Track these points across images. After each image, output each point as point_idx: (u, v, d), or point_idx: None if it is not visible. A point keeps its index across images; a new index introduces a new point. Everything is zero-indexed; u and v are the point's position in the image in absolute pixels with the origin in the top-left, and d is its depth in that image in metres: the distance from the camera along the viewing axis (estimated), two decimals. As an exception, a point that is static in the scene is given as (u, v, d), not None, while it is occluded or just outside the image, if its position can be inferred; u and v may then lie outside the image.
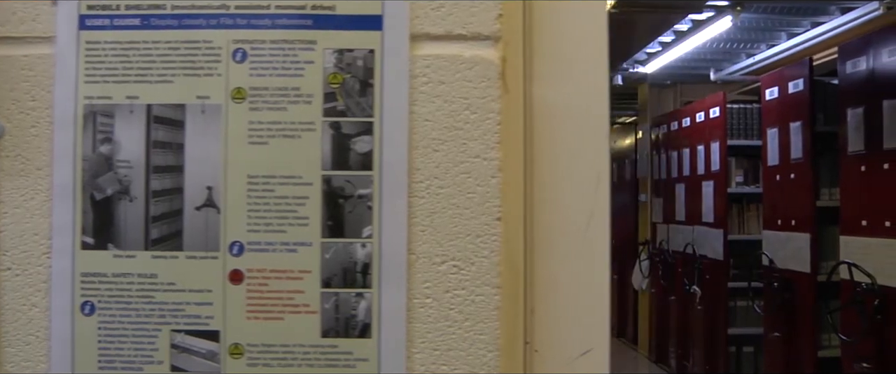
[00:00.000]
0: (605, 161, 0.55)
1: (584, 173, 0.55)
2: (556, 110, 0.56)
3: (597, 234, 0.55)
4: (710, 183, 5.30)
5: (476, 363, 0.53)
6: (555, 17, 0.56)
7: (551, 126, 0.56)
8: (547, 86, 0.56)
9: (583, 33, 0.56)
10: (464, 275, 0.54)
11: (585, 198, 0.55)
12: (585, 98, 0.56)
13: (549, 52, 0.56)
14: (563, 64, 0.56)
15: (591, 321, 0.55)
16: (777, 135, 4.43)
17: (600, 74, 0.55)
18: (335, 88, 0.55)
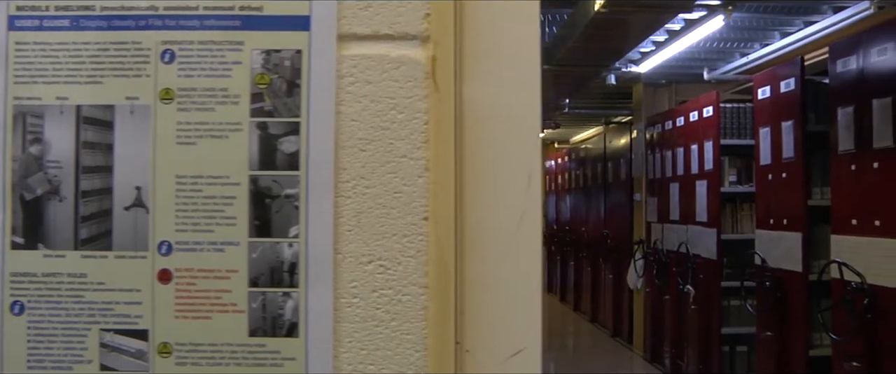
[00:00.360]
0: (536, 160, 0.55)
1: (515, 173, 0.55)
2: (487, 110, 0.56)
3: (528, 233, 0.55)
4: (703, 182, 5.31)
5: (403, 363, 0.53)
6: (486, 16, 0.56)
7: (482, 126, 0.56)
8: (478, 85, 0.56)
9: (515, 33, 0.56)
10: (390, 275, 0.54)
11: (516, 197, 0.55)
12: (517, 97, 0.56)
13: (481, 51, 0.56)
14: (495, 63, 0.56)
15: (523, 321, 0.55)
16: (769, 134, 4.43)
17: (532, 73, 0.55)
18: (262, 89, 0.56)
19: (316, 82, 0.55)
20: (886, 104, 3.32)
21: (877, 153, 3.36)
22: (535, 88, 0.55)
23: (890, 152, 3.28)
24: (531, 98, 0.55)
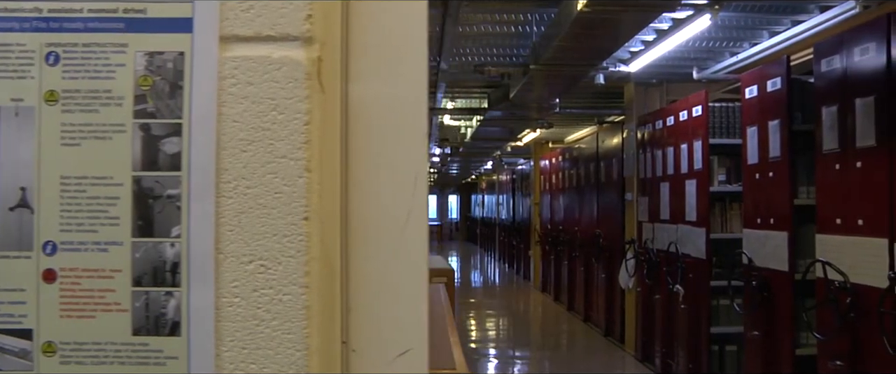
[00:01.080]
0: (422, 160, 0.55)
1: (401, 173, 0.56)
2: (373, 110, 0.56)
3: (415, 233, 0.55)
4: (692, 182, 5.31)
5: (284, 362, 0.53)
6: (373, 17, 0.57)
7: (368, 126, 0.56)
8: (364, 86, 0.56)
9: (401, 33, 0.56)
10: (271, 274, 0.54)
11: (403, 197, 0.56)
12: (403, 97, 0.56)
13: (367, 51, 0.57)
14: (381, 64, 0.57)
15: (410, 321, 0.56)
16: (756, 133, 4.43)
17: (419, 73, 0.56)
18: (145, 91, 0.56)
19: (198, 84, 0.55)
20: (869, 104, 3.32)
21: (860, 152, 3.36)
22: (422, 87, 0.56)
23: (872, 152, 3.29)
24: (417, 98, 0.55)
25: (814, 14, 4.63)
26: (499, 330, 8.38)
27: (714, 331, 5.17)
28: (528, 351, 7.07)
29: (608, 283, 7.19)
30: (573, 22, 3.62)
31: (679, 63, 5.95)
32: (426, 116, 0.56)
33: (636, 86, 6.60)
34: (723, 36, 5.32)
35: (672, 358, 5.67)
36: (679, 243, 5.44)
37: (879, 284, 3.12)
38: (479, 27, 4.87)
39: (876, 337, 3.11)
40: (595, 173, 7.71)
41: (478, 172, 18.58)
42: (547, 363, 6.67)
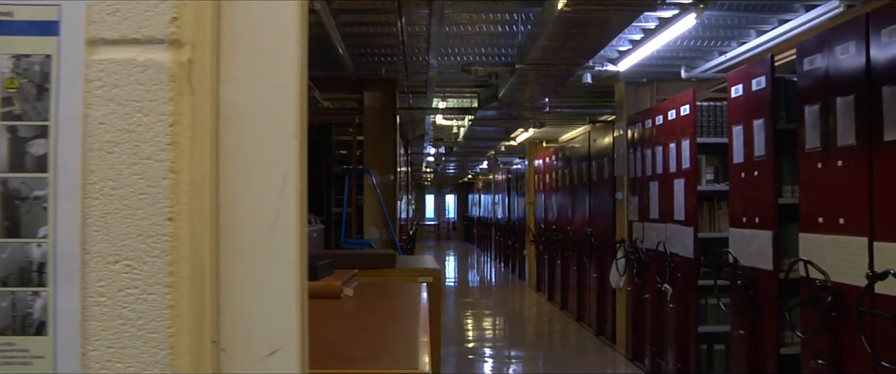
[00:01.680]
0: (292, 161, 0.56)
1: (270, 173, 0.56)
2: (243, 111, 0.57)
3: (284, 233, 0.56)
4: (681, 181, 5.31)
5: (149, 361, 0.54)
6: (244, 18, 0.57)
7: (238, 127, 0.57)
8: (235, 87, 0.57)
9: (272, 34, 0.57)
10: (136, 274, 0.55)
11: (272, 198, 0.56)
12: (272, 98, 0.57)
13: (239, 53, 0.57)
14: (252, 65, 0.57)
15: (280, 321, 0.56)
16: (742, 132, 4.43)
17: (289, 74, 0.56)
18: (12, 93, 0.57)
19: (64, 87, 0.56)
20: (849, 102, 3.32)
21: (841, 151, 3.36)
22: (292, 89, 0.56)
23: (853, 150, 3.29)
24: (287, 99, 0.56)
25: (799, 13, 4.63)
26: (491, 330, 8.38)
27: (702, 330, 5.17)
28: (518, 351, 7.07)
29: (600, 282, 7.19)
30: (555, 21, 3.62)
31: (669, 62, 5.96)
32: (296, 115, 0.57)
33: (626, 85, 6.60)
34: (711, 35, 5.32)
35: (661, 357, 5.67)
36: (668, 242, 5.44)
37: (859, 283, 3.12)
38: (465, 27, 4.87)
39: (856, 336, 3.11)
40: (587, 173, 7.72)
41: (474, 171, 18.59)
42: (537, 363, 6.67)
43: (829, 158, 3.48)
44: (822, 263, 3.47)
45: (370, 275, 4.38)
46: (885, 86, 3.07)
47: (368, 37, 5.23)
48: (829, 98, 3.46)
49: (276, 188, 0.56)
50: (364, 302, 2.68)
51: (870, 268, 3.13)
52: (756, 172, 4.26)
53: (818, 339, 3.50)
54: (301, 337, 0.58)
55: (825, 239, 3.49)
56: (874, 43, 3.16)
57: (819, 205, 3.56)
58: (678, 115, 5.40)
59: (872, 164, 3.15)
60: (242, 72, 0.57)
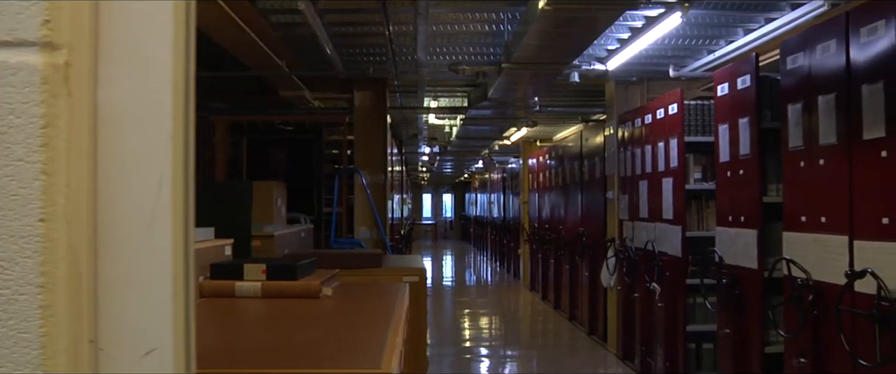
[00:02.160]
0: (167, 161, 0.56)
1: (146, 174, 0.56)
2: (120, 113, 0.57)
3: (160, 234, 0.56)
4: (669, 180, 5.31)
5: (20, 361, 0.54)
6: (121, 20, 0.57)
7: (116, 128, 0.57)
8: (113, 89, 0.57)
9: (148, 37, 0.57)
10: (8, 275, 0.55)
11: (148, 198, 0.56)
12: (148, 100, 0.57)
13: (116, 55, 0.57)
14: (129, 67, 0.57)
15: (156, 320, 0.56)
16: (728, 131, 4.43)
17: (165, 76, 0.56)
18: None
19: (-64, 90, 0.56)
20: (830, 101, 3.32)
21: (822, 150, 3.37)
22: (167, 90, 0.56)
23: (833, 149, 3.29)
24: (162, 101, 0.56)
25: (785, 12, 4.63)
26: (483, 329, 8.38)
27: (691, 329, 5.17)
28: (509, 350, 7.08)
29: (591, 281, 7.19)
30: (538, 20, 3.62)
31: (658, 61, 5.95)
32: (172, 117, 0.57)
33: (617, 84, 6.60)
34: (699, 34, 5.32)
35: (651, 356, 5.67)
36: (656, 241, 5.44)
37: (840, 281, 3.13)
38: (452, 26, 4.87)
39: (836, 335, 3.11)
40: (579, 172, 7.72)
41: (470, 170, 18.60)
42: (528, 362, 6.67)
43: (811, 156, 3.48)
44: (805, 261, 3.47)
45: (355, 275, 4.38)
46: (865, 84, 3.07)
47: (356, 36, 5.23)
48: (811, 97, 3.47)
49: (153, 189, 0.56)
50: (342, 302, 2.68)
51: (850, 266, 3.14)
52: (741, 170, 4.26)
53: (800, 338, 3.51)
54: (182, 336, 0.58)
55: (808, 238, 3.49)
56: (853, 42, 3.16)
57: (802, 204, 3.56)
58: (666, 114, 5.40)
59: (852, 162, 3.15)
60: (120, 73, 0.57)
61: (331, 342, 2.02)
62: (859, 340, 3.03)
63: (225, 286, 2.76)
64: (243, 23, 4.49)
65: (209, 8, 3.95)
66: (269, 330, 2.29)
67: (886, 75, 2.95)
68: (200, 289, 2.72)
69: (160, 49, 0.57)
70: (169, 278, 0.56)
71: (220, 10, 3.93)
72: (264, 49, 4.79)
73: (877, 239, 2.98)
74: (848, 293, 3.09)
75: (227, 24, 4.15)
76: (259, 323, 2.40)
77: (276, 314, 2.56)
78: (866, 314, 2.95)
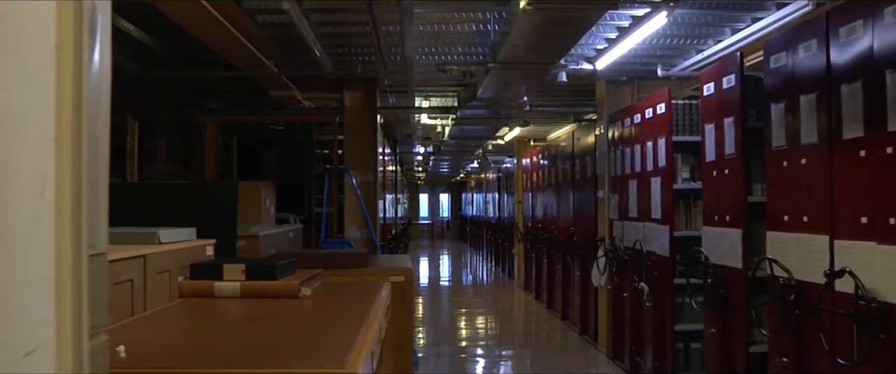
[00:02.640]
0: (50, 162, 0.56)
1: (27, 175, 0.56)
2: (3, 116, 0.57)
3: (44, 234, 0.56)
4: (657, 179, 5.31)
5: None
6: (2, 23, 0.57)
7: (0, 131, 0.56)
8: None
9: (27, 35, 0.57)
10: None
11: (30, 199, 0.56)
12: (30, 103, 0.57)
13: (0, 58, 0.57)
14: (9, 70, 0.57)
15: (36, 321, 0.56)
16: (714, 130, 4.43)
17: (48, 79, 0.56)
18: None
19: None
20: (812, 101, 3.32)
21: (804, 149, 3.37)
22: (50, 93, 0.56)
23: (815, 149, 3.29)
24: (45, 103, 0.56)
25: (771, 11, 4.63)
26: (476, 329, 8.38)
27: (679, 329, 5.17)
28: (501, 350, 7.08)
29: (583, 281, 7.19)
30: (520, 20, 3.62)
31: (648, 60, 5.96)
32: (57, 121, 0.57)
33: (607, 84, 6.60)
34: (687, 33, 5.32)
35: (640, 356, 5.67)
36: (645, 240, 5.45)
37: (820, 280, 3.13)
38: (440, 26, 4.87)
39: (817, 333, 3.11)
40: (571, 171, 7.72)
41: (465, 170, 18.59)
42: (518, 362, 6.67)
43: (793, 156, 3.48)
44: (788, 261, 3.48)
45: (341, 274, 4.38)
46: (844, 84, 3.08)
47: (344, 36, 5.23)
48: (793, 97, 3.47)
49: (37, 190, 0.56)
50: (320, 302, 2.68)
51: (830, 266, 3.14)
52: (727, 170, 4.26)
53: (783, 337, 3.51)
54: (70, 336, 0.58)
55: (790, 237, 3.49)
56: (833, 41, 3.17)
57: (784, 203, 3.56)
58: (654, 113, 5.40)
59: (833, 162, 3.15)
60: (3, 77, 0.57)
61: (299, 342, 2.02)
62: (839, 339, 3.03)
63: (204, 286, 2.76)
64: (229, 22, 4.49)
65: (193, 7, 3.95)
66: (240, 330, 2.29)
67: (864, 75, 2.95)
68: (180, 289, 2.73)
69: (41, 51, 0.56)
70: (51, 278, 0.56)
71: (204, 9, 3.93)
72: (251, 49, 4.79)
73: (856, 238, 2.98)
74: (828, 293, 3.10)
75: (211, 23, 4.15)
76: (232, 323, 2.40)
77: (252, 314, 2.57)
78: (845, 313, 2.95)
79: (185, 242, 2.91)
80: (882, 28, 2.86)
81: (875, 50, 2.89)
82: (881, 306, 2.81)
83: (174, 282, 2.70)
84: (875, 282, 2.87)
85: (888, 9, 2.83)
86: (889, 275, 2.79)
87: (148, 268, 2.47)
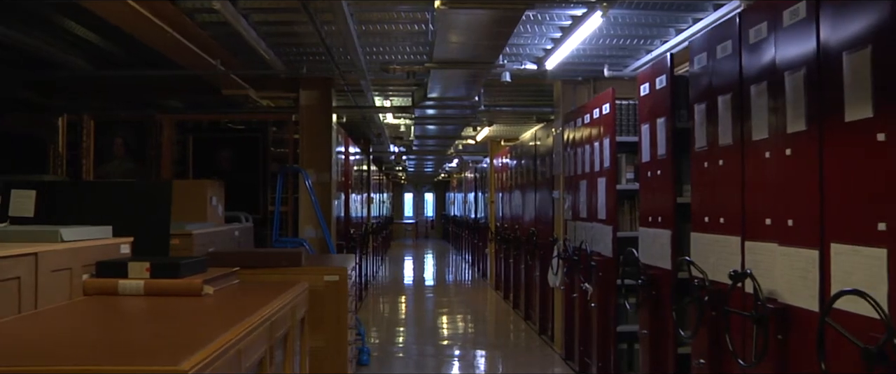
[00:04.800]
0: None
1: None
2: None
3: None
4: (603, 180, 5.30)
5: None
6: None
7: None
8: None
9: None
10: None
11: None
12: None
13: None
14: None
15: None
16: (649, 131, 4.43)
17: None
18: None
19: None
20: (727, 101, 3.33)
21: (722, 150, 3.37)
22: None
23: (730, 149, 3.29)
24: None
25: (709, 12, 4.63)
26: (440, 329, 8.37)
27: (623, 330, 5.17)
28: (457, 350, 7.07)
29: (542, 281, 7.19)
30: (441, 21, 3.62)
31: (600, 60, 5.96)
32: None
33: (564, 84, 6.60)
34: (634, 34, 5.32)
35: (589, 357, 5.67)
36: (592, 241, 5.44)
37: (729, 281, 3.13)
38: (383, 25, 4.87)
39: (730, 335, 3.11)
40: (534, 172, 7.72)
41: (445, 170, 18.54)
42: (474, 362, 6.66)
43: (713, 157, 3.49)
44: (707, 262, 3.48)
45: (274, 273, 4.38)
46: (753, 85, 3.08)
47: (291, 36, 5.22)
48: (713, 98, 3.48)
49: None
50: (219, 300, 2.68)
51: (741, 267, 3.14)
52: (659, 171, 4.26)
53: (700, 339, 3.51)
54: None
55: (710, 238, 3.50)
56: (744, 43, 3.17)
57: (705, 204, 3.57)
58: (600, 114, 5.40)
59: (744, 163, 3.16)
60: None
61: (156, 341, 2.02)
62: (747, 341, 3.03)
63: (108, 284, 2.76)
64: (169, 22, 4.48)
65: (122, 7, 3.94)
66: (109, 328, 2.29)
67: (768, 76, 2.95)
68: (84, 287, 2.73)
69: None
70: None
71: (133, 8, 3.92)
72: (192, 48, 4.78)
73: (762, 240, 2.99)
74: (737, 294, 3.10)
75: (143, 22, 4.14)
76: (107, 321, 2.40)
77: (138, 311, 2.57)
78: (746, 314, 2.95)
79: (93, 240, 2.91)
80: (781, 30, 2.86)
81: (776, 52, 2.90)
82: (780, 307, 2.82)
83: (77, 280, 2.70)
84: (777, 284, 2.87)
85: (786, 11, 2.83)
86: (788, 276, 2.79)
87: (40, 266, 2.47)
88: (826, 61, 2.56)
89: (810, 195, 2.65)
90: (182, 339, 2.02)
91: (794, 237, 2.75)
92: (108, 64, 5.75)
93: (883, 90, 2.28)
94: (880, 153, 2.29)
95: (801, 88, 2.72)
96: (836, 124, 2.51)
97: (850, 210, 2.44)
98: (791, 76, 2.78)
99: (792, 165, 2.78)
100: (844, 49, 2.44)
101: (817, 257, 2.60)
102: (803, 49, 2.70)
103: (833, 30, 2.52)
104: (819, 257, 2.59)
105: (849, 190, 2.46)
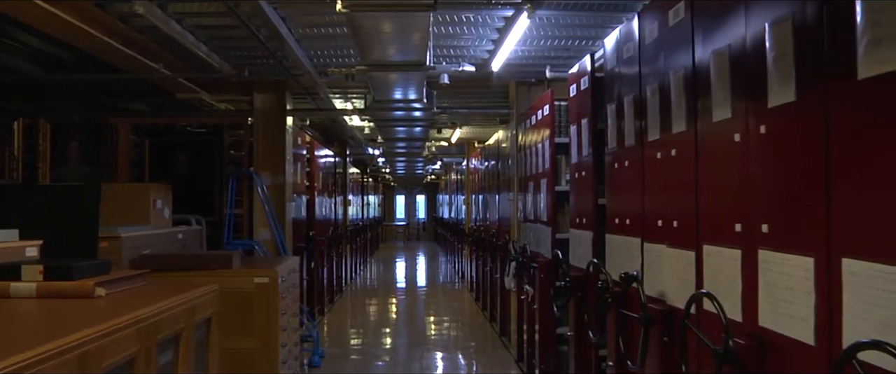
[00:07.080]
0: None
1: None
2: None
3: None
4: (544, 181, 5.29)
5: None
6: None
7: None
8: None
9: None
10: None
11: None
12: None
13: None
14: None
15: None
16: (577, 132, 4.42)
17: None
18: None
19: None
20: (631, 103, 3.31)
21: (627, 151, 3.36)
22: None
23: (632, 150, 3.28)
24: None
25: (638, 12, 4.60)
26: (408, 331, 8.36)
27: (562, 331, 5.14)
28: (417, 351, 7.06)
29: (501, 283, 7.18)
30: (350, 23, 3.61)
31: (545, 61, 5.94)
32: None
33: (518, 85, 6.59)
34: (574, 35, 5.30)
35: (535, 358, 5.65)
36: (536, 242, 5.43)
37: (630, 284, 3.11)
38: (315, 29, 4.87)
39: (630, 337, 3.10)
40: (498, 173, 7.71)
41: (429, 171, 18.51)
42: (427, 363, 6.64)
43: (621, 158, 3.48)
44: (615, 264, 3.47)
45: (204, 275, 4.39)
46: (649, 86, 3.07)
47: (230, 39, 5.24)
48: (620, 98, 3.46)
49: None
50: (110, 302, 2.69)
51: (641, 269, 3.13)
52: (584, 172, 4.25)
53: (607, 340, 3.49)
54: None
55: (619, 240, 3.49)
56: (642, 43, 3.16)
57: (616, 205, 3.56)
58: (542, 115, 5.38)
59: (644, 165, 3.14)
60: None
61: None
62: (634, 341, 3.02)
63: (1, 287, 2.78)
64: (104, 27, 4.51)
65: (41, 12, 3.97)
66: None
67: (658, 78, 2.94)
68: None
69: None
70: None
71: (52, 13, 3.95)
72: (127, 52, 4.81)
73: (655, 241, 2.98)
74: (635, 296, 3.08)
75: (66, 26, 4.17)
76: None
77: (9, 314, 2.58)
78: (635, 316, 2.94)
79: (-3, 243, 2.93)
80: (667, 30, 2.85)
81: (664, 52, 2.88)
82: (666, 309, 2.80)
83: None
84: (665, 285, 2.86)
85: (671, 11, 2.82)
86: (673, 278, 2.78)
87: (-79, 269, 2.49)
88: (700, 61, 2.55)
89: (689, 197, 2.64)
90: (16, 341, 2.02)
91: (678, 239, 2.74)
92: (58, 68, 5.78)
93: (739, 91, 2.27)
94: (736, 154, 2.28)
95: (681, 89, 2.71)
96: (706, 125, 2.50)
97: (716, 211, 2.43)
98: (674, 76, 2.77)
99: (675, 166, 2.77)
100: (712, 49, 2.43)
101: (693, 259, 2.59)
102: (683, 49, 2.69)
103: (703, 30, 2.51)
104: (695, 258, 2.58)
105: (715, 191, 2.45)
